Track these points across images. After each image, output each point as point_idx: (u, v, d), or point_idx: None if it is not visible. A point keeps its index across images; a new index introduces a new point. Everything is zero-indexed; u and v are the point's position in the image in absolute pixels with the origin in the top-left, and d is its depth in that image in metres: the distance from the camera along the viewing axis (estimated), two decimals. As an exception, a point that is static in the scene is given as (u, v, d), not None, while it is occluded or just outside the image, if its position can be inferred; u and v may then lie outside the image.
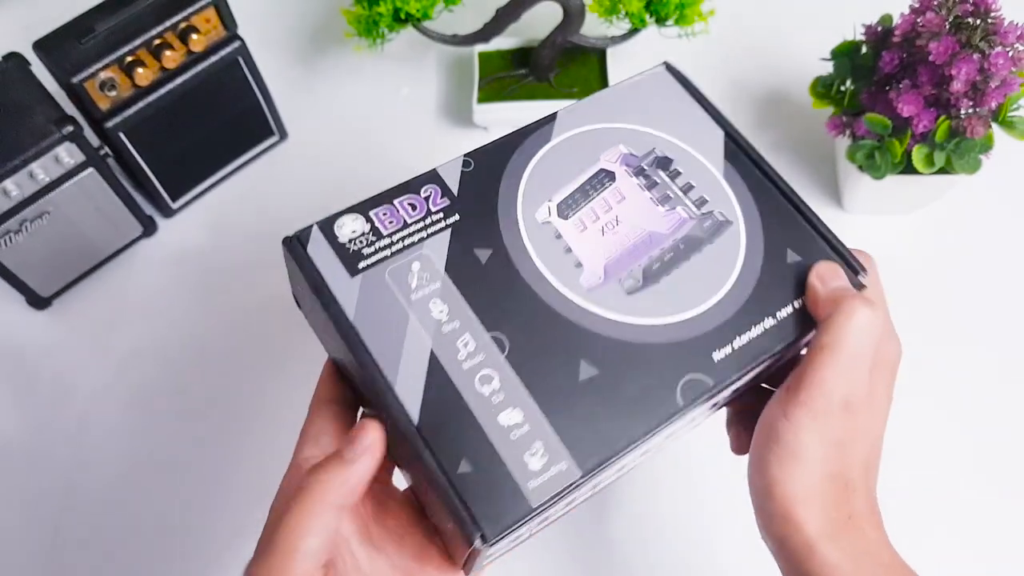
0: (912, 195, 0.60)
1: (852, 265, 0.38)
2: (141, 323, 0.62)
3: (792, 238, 0.38)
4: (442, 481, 0.32)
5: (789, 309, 0.37)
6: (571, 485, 0.32)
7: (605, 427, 0.34)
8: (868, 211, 0.63)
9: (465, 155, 0.39)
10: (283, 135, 0.68)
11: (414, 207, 0.38)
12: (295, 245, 0.37)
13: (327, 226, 0.38)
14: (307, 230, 0.38)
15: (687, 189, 0.39)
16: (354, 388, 0.39)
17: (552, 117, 0.41)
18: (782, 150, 0.66)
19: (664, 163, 0.40)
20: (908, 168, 0.55)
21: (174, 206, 0.65)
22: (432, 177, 0.39)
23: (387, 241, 0.37)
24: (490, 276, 0.36)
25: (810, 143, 0.66)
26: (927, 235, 0.62)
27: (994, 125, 0.53)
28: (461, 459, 0.32)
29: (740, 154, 0.40)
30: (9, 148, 0.52)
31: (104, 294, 0.63)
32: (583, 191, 0.39)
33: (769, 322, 0.36)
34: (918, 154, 0.54)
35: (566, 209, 0.38)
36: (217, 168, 0.66)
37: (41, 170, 0.53)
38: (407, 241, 0.37)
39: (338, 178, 0.67)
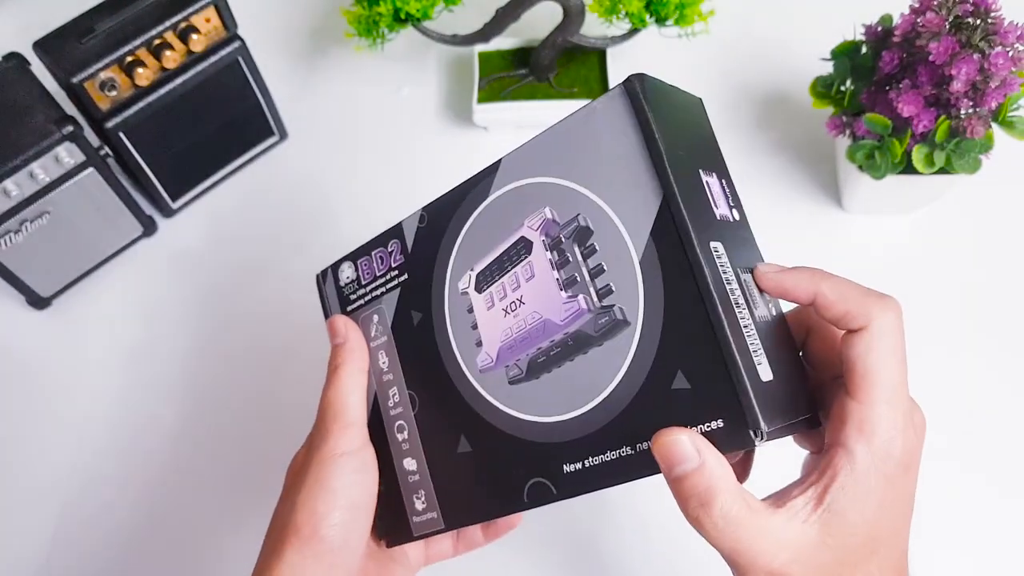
0: (912, 195, 0.60)
1: (748, 416, 0.28)
2: (141, 323, 0.62)
3: (689, 358, 0.30)
4: None
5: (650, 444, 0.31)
6: (439, 532, 0.39)
7: (469, 498, 0.38)
8: (868, 211, 0.63)
9: (423, 209, 0.39)
10: (283, 135, 0.68)
11: (382, 260, 0.41)
12: (319, 281, 0.44)
13: (335, 269, 0.43)
14: (327, 270, 0.44)
15: (597, 272, 0.32)
16: None
17: (495, 167, 0.36)
18: (782, 150, 0.66)
19: (583, 236, 0.33)
20: (908, 168, 0.55)
21: (174, 206, 0.65)
22: (397, 232, 0.41)
23: (364, 291, 0.42)
24: (417, 339, 0.39)
25: (810, 143, 0.66)
26: (927, 235, 0.62)
27: (994, 125, 0.53)
28: (381, 481, 0.40)
29: (671, 232, 0.30)
30: (9, 148, 0.52)
31: (104, 294, 0.63)
32: (500, 263, 0.36)
33: (626, 451, 0.32)
34: (918, 154, 0.54)
35: (483, 281, 0.37)
36: (217, 168, 0.66)
37: (41, 170, 0.53)
38: (374, 293, 0.41)
39: (338, 178, 0.67)
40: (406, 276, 0.40)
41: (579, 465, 0.33)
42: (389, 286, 0.40)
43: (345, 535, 0.37)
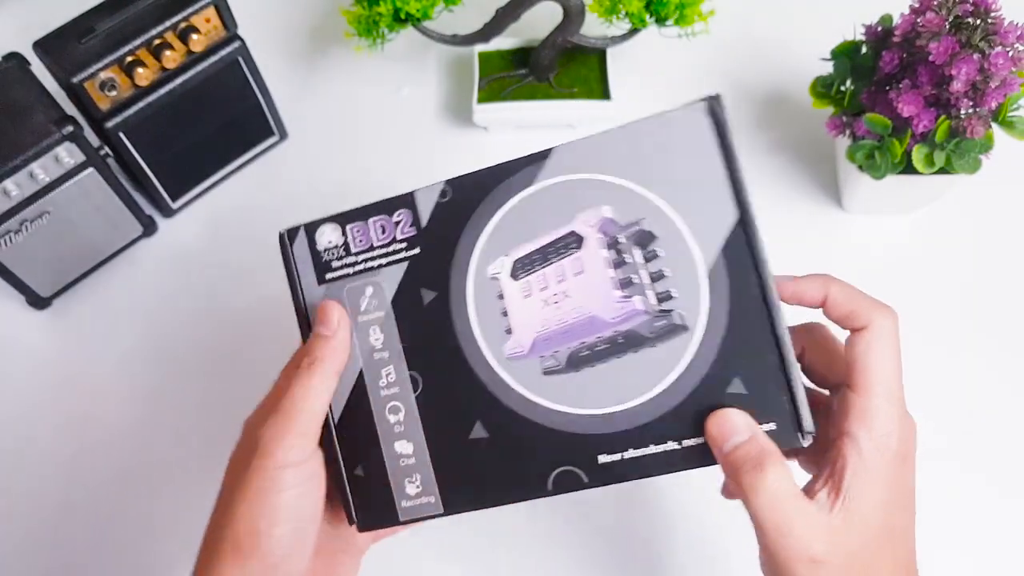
0: (912, 195, 0.60)
1: (798, 419, 0.32)
2: (141, 323, 0.62)
3: (749, 367, 0.33)
4: (341, 474, 0.39)
5: (699, 441, 0.33)
6: (434, 516, 0.38)
7: (478, 484, 0.37)
8: (868, 211, 0.63)
9: (447, 181, 0.38)
10: (283, 135, 0.68)
11: (384, 230, 0.39)
12: (284, 240, 0.41)
13: (311, 230, 0.40)
14: (296, 229, 0.40)
15: (657, 277, 0.34)
16: None
17: (546, 154, 0.36)
18: (782, 150, 0.66)
19: (644, 240, 0.34)
20: (908, 168, 0.55)
21: (174, 206, 0.65)
22: (407, 201, 0.38)
23: (353, 259, 0.39)
24: (427, 318, 0.38)
25: (810, 143, 0.66)
26: (927, 235, 0.62)
27: (994, 125, 0.53)
28: (359, 464, 0.39)
29: (744, 251, 0.33)
30: (9, 148, 0.52)
31: (104, 294, 0.63)
32: (543, 253, 0.36)
33: (671, 446, 0.33)
34: (918, 154, 0.54)
35: (520, 269, 0.36)
36: (217, 168, 0.66)
37: (41, 170, 0.53)
38: (369, 264, 0.39)
39: (338, 178, 0.67)
40: (418, 250, 0.38)
41: (617, 457, 0.34)
42: (393, 258, 0.38)
43: (290, 545, 0.35)
